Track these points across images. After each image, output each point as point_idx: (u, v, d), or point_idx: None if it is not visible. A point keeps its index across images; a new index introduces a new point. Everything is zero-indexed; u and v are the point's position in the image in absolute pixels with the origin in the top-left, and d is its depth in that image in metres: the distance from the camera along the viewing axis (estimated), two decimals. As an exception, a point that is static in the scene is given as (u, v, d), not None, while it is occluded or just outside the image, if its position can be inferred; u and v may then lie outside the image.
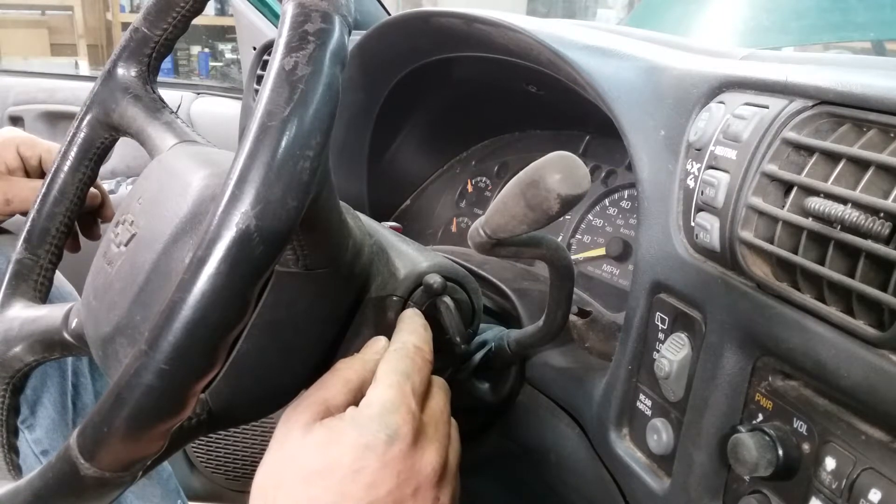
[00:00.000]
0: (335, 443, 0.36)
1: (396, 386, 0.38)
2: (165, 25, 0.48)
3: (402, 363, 0.39)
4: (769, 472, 0.34)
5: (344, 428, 0.36)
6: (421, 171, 0.85)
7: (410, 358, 0.40)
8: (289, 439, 0.37)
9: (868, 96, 0.32)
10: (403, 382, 0.38)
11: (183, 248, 0.38)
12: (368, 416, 0.37)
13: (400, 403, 0.37)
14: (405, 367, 0.39)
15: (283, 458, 0.37)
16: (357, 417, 0.37)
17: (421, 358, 0.40)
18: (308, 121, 0.29)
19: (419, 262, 0.45)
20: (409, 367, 0.39)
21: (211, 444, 1.13)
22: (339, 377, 0.39)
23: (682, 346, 0.40)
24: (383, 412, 0.37)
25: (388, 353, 0.41)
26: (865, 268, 0.30)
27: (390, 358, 0.40)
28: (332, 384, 0.39)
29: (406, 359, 0.40)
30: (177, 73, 3.19)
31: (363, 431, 0.36)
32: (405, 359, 0.40)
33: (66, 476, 0.32)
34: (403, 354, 0.40)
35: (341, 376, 0.39)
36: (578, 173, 0.36)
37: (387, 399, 0.37)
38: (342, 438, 0.36)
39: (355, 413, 0.37)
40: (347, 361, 0.41)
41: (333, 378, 0.39)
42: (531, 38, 0.53)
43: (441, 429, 0.39)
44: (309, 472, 0.35)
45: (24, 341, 0.47)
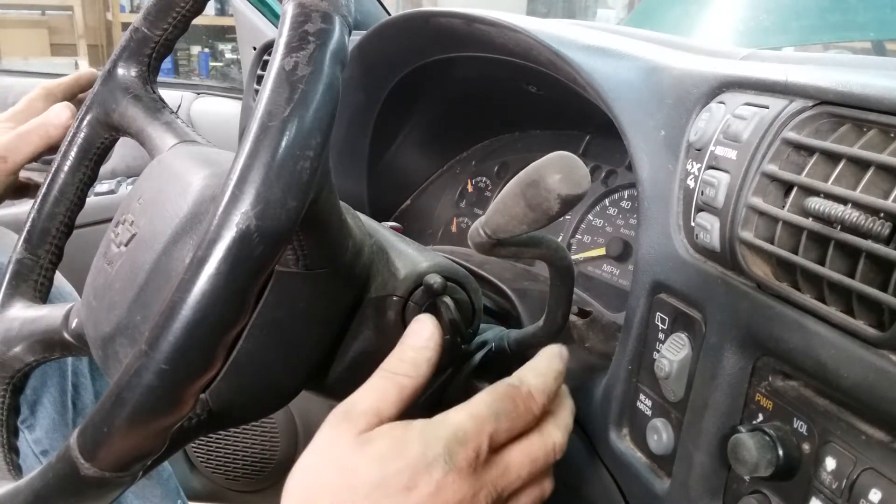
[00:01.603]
0: (399, 455, 0.34)
1: (479, 420, 0.36)
2: (165, 25, 0.48)
3: (502, 402, 0.37)
4: (769, 473, 0.34)
5: (411, 442, 0.35)
6: (421, 171, 0.85)
7: (514, 401, 0.38)
8: (337, 447, 0.35)
9: (868, 96, 0.32)
10: (488, 420, 0.36)
11: (183, 248, 0.38)
12: (436, 437, 0.35)
13: (472, 438, 0.36)
14: (501, 408, 0.37)
15: (330, 466, 0.35)
16: (426, 433, 0.35)
17: (526, 406, 0.38)
18: (308, 121, 0.29)
19: (419, 262, 0.45)
20: (507, 409, 0.37)
21: (211, 444, 1.13)
22: (394, 385, 0.37)
23: (682, 346, 0.40)
24: (453, 438, 0.35)
25: (500, 383, 0.39)
26: (865, 268, 0.30)
27: (496, 389, 0.38)
28: (387, 391, 0.37)
29: (508, 400, 0.38)
30: (177, 73, 3.19)
31: (428, 450, 0.35)
32: (507, 399, 0.38)
33: (66, 476, 0.32)
34: (510, 394, 0.38)
35: (396, 384, 0.37)
36: (578, 173, 0.36)
37: (461, 428, 0.36)
38: (405, 451, 0.35)
39: (425, 427, 0.36)
40: (397, 362, 0.38)
41: (387, 385, 0.37)
42: (531, 37, 0.53)
43: (508, 477, 0.37)
44: (360, 484, 0.34)
45: (24, 341, 0.47)
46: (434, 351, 0.39)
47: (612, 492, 0.47)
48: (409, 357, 0.39)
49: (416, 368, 0.38)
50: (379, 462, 0.34)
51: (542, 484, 0.40)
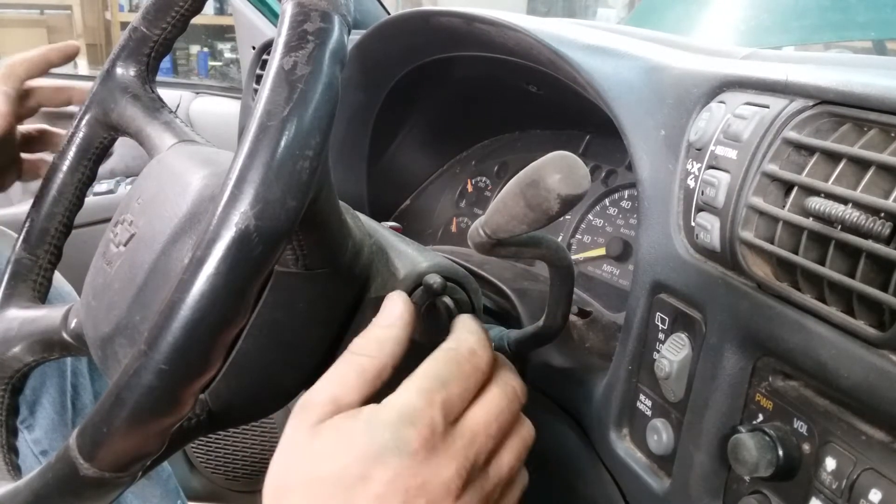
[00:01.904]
0: (344, 448, 0.33)
1: (426, 393, 0.34)
2: (164, 25, 0.48)
3: (445, 367, 0.36)
4: (769, 473, 0.34)
5: (355, 432, 0.33)
6: (421, 171, 0.85)
7: (457, 362, 0.36)
8: (296, 442, 0.35)
9: (869, 96, 0.32)
10: (436, 390, 0.35)
11: (182, 248, 0.38)
12: (383, 423, 0.33)
13: (422, 414, 0.34)
14: (446, 373, 0.35)
15: (289, 461, 0.35)
16: (372, 421, 0.34)
17: (471, 364, 0.36)
18: (307, 120, 0.29)
19: (419, 262, 0.45)
20: (453, 372, 0.35)
21: (210, 445, 1.13)
22: (354, 367, 0.36)
23: (682, 346, 0.40)
24: (399, 421, 0.33)
25: (438, 350, 0.37)
26: (866, 268, 0.30)
27: (437, 357, 0.36)
28: (346, 377, 0.35)
29: (452, 363, 0.36)
30: (176, 72, 3.19)
31: (374, 438, 0.33)
32: (451, 363, 0.36)
33: (65, 476, 0.32)
34: (451, 357, 0.36)
35: (356, 365, 0.36)
36: (578, 173, 0.36)
37: (409, 406, 0.34)
38: (352, 444, 0.33)
39: (371, 415, 0.34)
40: (362, 343, 0.36)
41: (347, 368, 0.36)
42: (531, 37, 0.53)
43: (476, 443, 0.35)
44: (315, 477, 0.33)
45: (23, 341, 0.47)
46: (402, 329, 0.37)
47: (612, 492, 0.47)
48: (374, 335, 0.37)
49: (380, 347, 0.36)
50: (329, 456, 0.33)
51: (520, 433, 0.38)
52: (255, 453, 1.12)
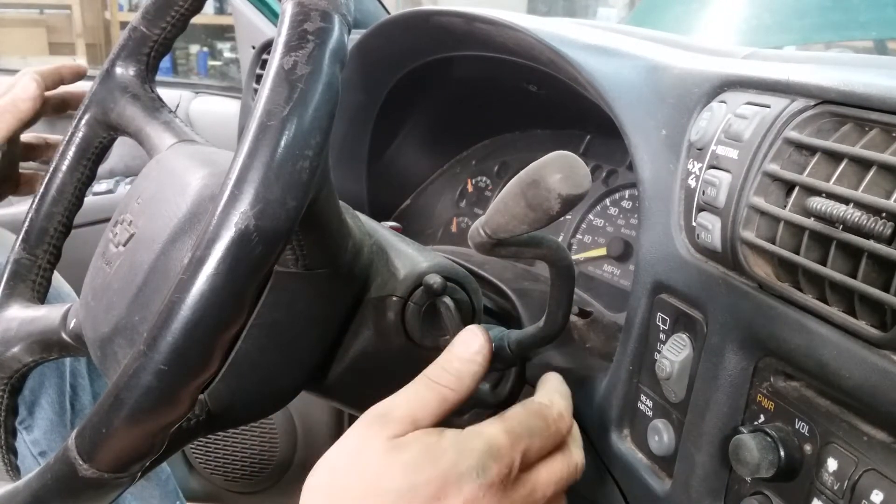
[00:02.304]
0: (430, 463, 0.33)
1: (513, 436, 0.35)
2: (164, 24, 0.48)
3: (535, 420, 0.37)
4: (771, 474, 0.34)
5: (443, 451, 0.34)
6: (421, 171, 0.85)
7: (546, 420, 0.38)
8: (368, 449, 0.34)
9: (870, 96, 0.32)
10: (522, 437, 0.36)
11: (182, 248, 0.38)
12: (471, 448, 0.34)
13: (505, 453, 0.35)
14: (534, 425, 0.37)
15: (352, 468, 0.34)
16: (460, 444, 0.34)
17: (556, 427, 0.38)
18: (307, 120, 0.29)
19: (419, 262, 0.45)
20: (540, 427, 0.37)
21: (210, 445, 1.13)
22: (436, 394, 0.36)
23: (683, 346, 0.40)
24: (486, 452, 0.34)
25: (532, 401, 0.38)
26: (867, 268, 0.30)
27: (530, 408, 0.38)
28: (427, 401, 0.36)
29: (541, 418, 0.37)
30: (175, 72, 3.19)
31: (460, 461, 0.33)
32: (540, 418, 0.37)
33: (64, 477, 0.32)
34: (543, 413, 0.38)
35: (438, 394, 0.36)
36: (579, 173, 0.36)
37: (497, 442, 0.35)
38: (436, 461, 0.33)
39: (458, 438, 0.35)
40: (440, 372, 0.37)
41: (428, 393, 0.36)
42: (532, 37, 0.53)
43: (535, 496, 0.36)
44: (387, 489, 0.33)
45: (22, 342, 0.47)
46: (482, 366, 0.38)
47: (613, 492, 0.47)
48: (455, 369, 0.37)
49: (461, 382, 0.37)
50: (409, 469, 0.33)
51: (563, 499, 0.40)
52: (254, 454, 1.12)
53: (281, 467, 1.10)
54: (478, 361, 0.38)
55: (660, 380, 0.41)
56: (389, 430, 0.35)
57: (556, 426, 0.38)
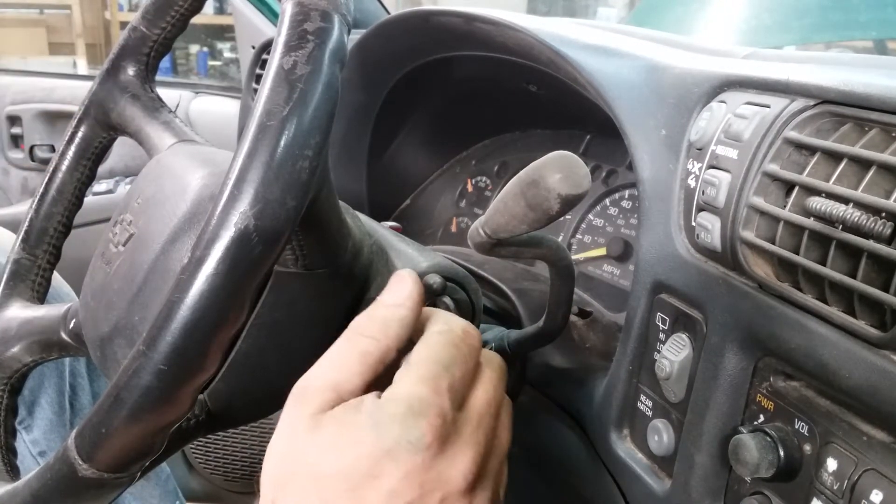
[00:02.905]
0: (350, 445, 0.31)
1: (432, 380, 0.32)
2: (164, 24, 0.48)
3: (445, 351, 0.33)
4: (770, 474, 0.34)
5: (360, 428, 0.31)
6: (421, 171, 0.85)
7: (455, 344, 0.33)
8: (295, 432, 0.32)
9: (870, 95, 0.32)
10: (441, 376, 0.32)
11: (181, 248, 0.38)
12: (391, 416, 0.31)
13: (431, 404, 0.31)
14: (447, 357, 0.33)
15: (289, 451, 0.32)
16: (377, 415, 0.31)
17: (468, 345, 0.34)
18: (307, 120, 0.29)
19: (419, 262, 0.45)
20: (453, 356, 0.33)
21: (209, 445, 1.13)
22: (355, 351, 0.33)
23: (682, 346, 0.40)
24: (408, 414, 0.31)
25: (429, 334, 0.34)
26: (867, 268, 0.30)
27: (432, 342, 0.33)
28: (347, 362, 0.33)
29: (450, 346, 0.33)
30: (175, 72, 3.19)
31: (382, 435, 0.30)
32: (449, 346, 0.33)
33: (64, 477, 0.32)
34: (448, 340, 0.33)
35: (357, 349, 0.33)
36: (579, 173, 0.36)
37: (416, 397, 0.31)
38: (358, 441, 0.31)
39: (375, 409, 0.31)
40: (364, 324, 0.34)
41: (348, 353, 0.33)
42: (531, 36, 0.53)
43: (483, 426, 0.33)
44: (320, 474, 0.31)
45: (22, 341, 0.47)
46: (410, 310, 0.34)
47: (613, 493, 0.47)
48: (380, 315, 0.34)
49: (385, 329, 0.33)
50: (332, 451, 0.31)
51: (506, 405, 0.36)
52: (254, 454, 1.12)
53: (281, 467, 1.09)
54: (406, 306, 0.34)
55: (659, 380, 0.41)
56: (311, 405, 0.32)
57: (466, 346, 0.34)
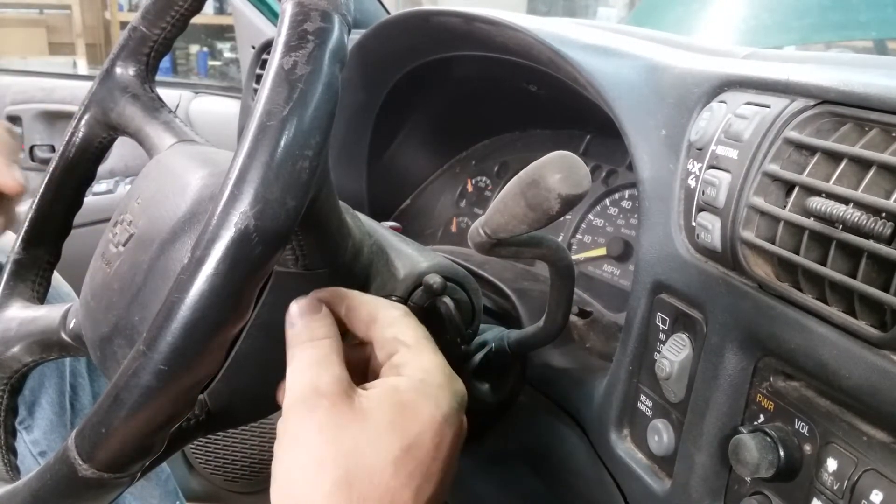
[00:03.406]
0: (413, 419, 0.32)
1: (436, 350, 0.35)
2: (164, 24, 0.48)
3: (418, 323, 0.36)
4: (770, 474, 0.34)
5: (419, 402, 0.33)
6: (421, 171, 0.85)
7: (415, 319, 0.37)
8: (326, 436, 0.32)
9: (870, 95, 0.32)
10: (433, 345, 0.36)
11: (181, 248, 0.38)
12: (439, 386, 0.34)
13: (449, 368, 0.35)
14: (422, 328, 0.36)
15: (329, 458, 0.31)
16: (426, 389, 0.33)
17: None
18: (307, 120, 0.29)
19: (419, 262, 0.45)
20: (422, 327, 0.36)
21: (209, 445, 1.13)
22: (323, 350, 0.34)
23: (683, 346, 0.40)
24: (449, 380, 0.34)
25: (394, 316, 0.36)
26: (867, 268, 0.30)
27: (410, 323, 0.36)
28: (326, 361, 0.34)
29: (415, 321, 0.37)
30: (175, 72, 3.19)
31: (441, 404, 0.33)
32: (413, 317, 0.37)
33: (64, 477, 0.32)
34: (407, 314, 0.37)
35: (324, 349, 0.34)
36: (579, 173, 0.36)
37: (442, 365, 0.35)
38: (419, 413, 0.33)
39: (420, 384, 0.34)
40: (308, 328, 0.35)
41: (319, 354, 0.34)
42: (531, 36, 0.53)
43: None
44: (390, 458, 0.31)
45: (22, 342, 0.47)
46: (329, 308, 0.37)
47: (613, 493, 0.46)
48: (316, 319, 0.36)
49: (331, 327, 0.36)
50: (391, 433, 0.32)
51: None
52: (254, 454, 1.12)
53: (281, 467, 1.09)
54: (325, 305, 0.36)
55: (659, 380, 0.41)
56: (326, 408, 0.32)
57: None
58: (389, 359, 0.36)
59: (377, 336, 0.36)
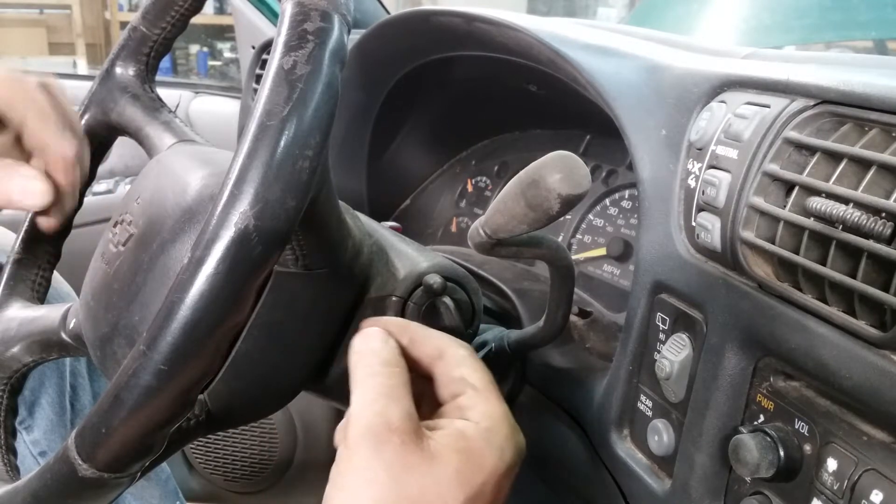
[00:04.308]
0: (477, 471, 0.32)
1: (499, 397, 0.35)
2: (164, 24, 0.48)
3: (483, 367, 0.36)
4: (770, 474, 0.34)
5: (485, 451, 0.33)
6: (421, 171, 0.85)
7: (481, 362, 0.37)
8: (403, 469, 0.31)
9: (870, 95, 0.32)
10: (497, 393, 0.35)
11: (181, 248, 0.38)
12: (506, 437, 0.34)
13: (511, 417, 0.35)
14: (488, 372, 0.36)
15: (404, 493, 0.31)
16: (493, 439, 0.33)
17: None
18: (307, 120, 0.29)
19: (419, 262, 0.45)
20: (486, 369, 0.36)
21: (209, 445, 1.13)
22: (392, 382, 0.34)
23: (682, 346, 0.40)
24: (513, 431, 0.34)
25: (461, 356, 0.36)
26: (867, 268, 0.30)
27: (471, 364, 0.36)
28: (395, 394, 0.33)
29: (479, 360, 0.36)
30: (175, 72, 3.19)
31: (505, 457, 0.33)
32: (479, 361, 0.36)
33: (64, 477, 0.32)
34: (474, 356, 0.36)
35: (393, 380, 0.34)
36: (579, 173, 0.36)
37: (506, 414, 0.35)
38: (483, 466, 0.32)
39: (487, 433, 0.33)
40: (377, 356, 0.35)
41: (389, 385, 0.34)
42: (531, 36, 0.53)
43: None
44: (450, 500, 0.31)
45: (22, 342, 0.47)
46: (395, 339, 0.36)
47: (613, 493, 0.46)
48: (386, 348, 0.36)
49: (397, 358, 0.35)
50: (457, 480, 0.32)
51: None
52: (254, 454, 1.12)
53: (281, 467, 1.10)
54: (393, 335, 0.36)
55: (659, 380, 0.41)
56: (398, 445, 0.32)
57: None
58: (454, 399, 0.35)
59: (442, 373, 0.36)
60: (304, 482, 1.09)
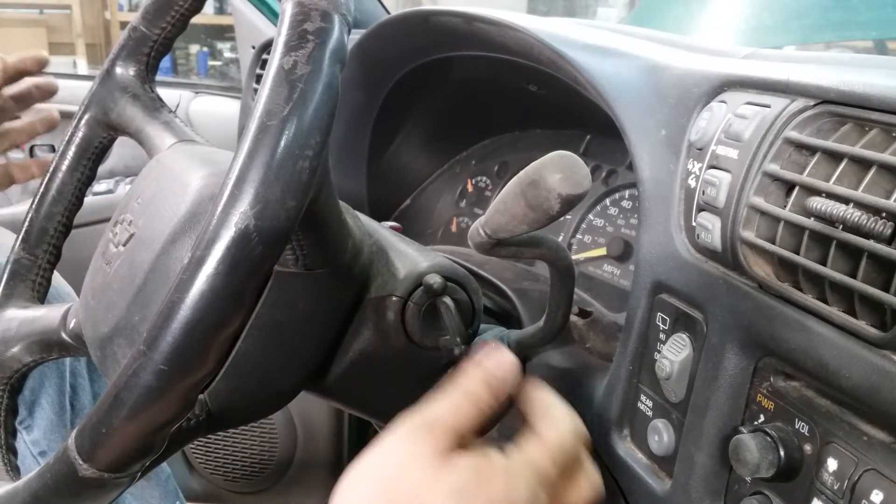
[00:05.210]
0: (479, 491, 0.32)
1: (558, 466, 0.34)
2: (164, 24, 0.48)
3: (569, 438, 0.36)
4: (771, 474, 0.34)
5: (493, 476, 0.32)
6: (421, 171, 0.85)
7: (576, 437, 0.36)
8: (419, 461, 0.32)
9: (870, 95, 0.32)
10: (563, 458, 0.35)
11: (182, 248, 0.38)
12: (524, 479, 0.33)
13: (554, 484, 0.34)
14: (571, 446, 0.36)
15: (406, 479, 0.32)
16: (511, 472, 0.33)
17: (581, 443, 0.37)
18: (307, 120, 0.29)
19: (419, 262, 0.45)
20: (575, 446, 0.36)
21: (210, 445, 1.13)
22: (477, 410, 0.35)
23: (683, 346, 0.40)
24: (536, 479, 0.33)
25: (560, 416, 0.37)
26: (867, 268, 0.30)
27: (562, 426, 0.36)
28: (467, 409, 0.34)
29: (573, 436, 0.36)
30: (175, 72, 3.19)
31: (512, 493, 0.32)
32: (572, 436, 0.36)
33: (64, 477, 0.32)
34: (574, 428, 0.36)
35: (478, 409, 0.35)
36: (579, 173, 0.36)
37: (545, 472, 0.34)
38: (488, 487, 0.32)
39: (508, 463, 0.33)
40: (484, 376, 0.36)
41: (468, 400, 0.35)
42: (532, 36, 0.53)
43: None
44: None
45: (22, 342, 0.47)
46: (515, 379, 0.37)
47: (613, 493, 0.47)
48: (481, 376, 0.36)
49: (501, 389, 0.36)
50: (458, 492, 0.32)
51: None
52: (254, 454, 1.12)
53: (281, 467, 1.10)
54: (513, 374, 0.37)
55: (660, 380, 0.41)
56: (437, 443, 0.33)
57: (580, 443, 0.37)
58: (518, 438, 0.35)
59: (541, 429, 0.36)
60: (304, 482, 1.09)
